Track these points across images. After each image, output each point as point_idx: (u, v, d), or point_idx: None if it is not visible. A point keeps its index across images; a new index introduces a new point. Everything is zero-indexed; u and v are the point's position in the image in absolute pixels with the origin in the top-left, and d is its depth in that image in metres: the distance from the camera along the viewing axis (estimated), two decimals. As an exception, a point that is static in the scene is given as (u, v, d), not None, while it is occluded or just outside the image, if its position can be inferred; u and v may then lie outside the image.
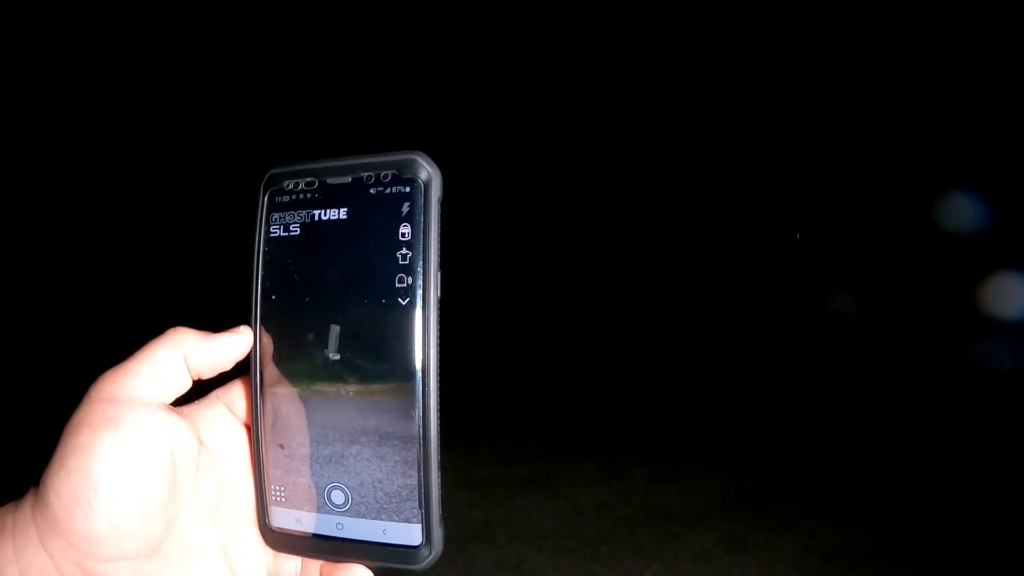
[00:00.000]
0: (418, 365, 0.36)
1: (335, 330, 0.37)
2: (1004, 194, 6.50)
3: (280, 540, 0.39)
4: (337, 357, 0.37)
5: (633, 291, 7.99)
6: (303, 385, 0.37)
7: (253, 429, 0.39)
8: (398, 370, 0.36)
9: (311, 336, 0.37)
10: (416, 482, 0.36)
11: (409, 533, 0.36)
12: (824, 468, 3.37)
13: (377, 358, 0.36)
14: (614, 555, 2.69)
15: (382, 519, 0.37)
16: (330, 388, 0.37)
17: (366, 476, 0.37)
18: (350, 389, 0.37)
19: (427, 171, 0.37)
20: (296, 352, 0.38)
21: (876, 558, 2.62)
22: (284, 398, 0.38)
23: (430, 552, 0.36)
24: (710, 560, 2.62)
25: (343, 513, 0.37)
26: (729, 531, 2.81)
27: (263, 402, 0.38)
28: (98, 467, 0.33)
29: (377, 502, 0.36)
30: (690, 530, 2.83)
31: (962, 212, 6.60)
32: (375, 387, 0.36)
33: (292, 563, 0.40)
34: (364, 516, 0.37)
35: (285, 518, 0.38)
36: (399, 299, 0.36)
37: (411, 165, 0.37)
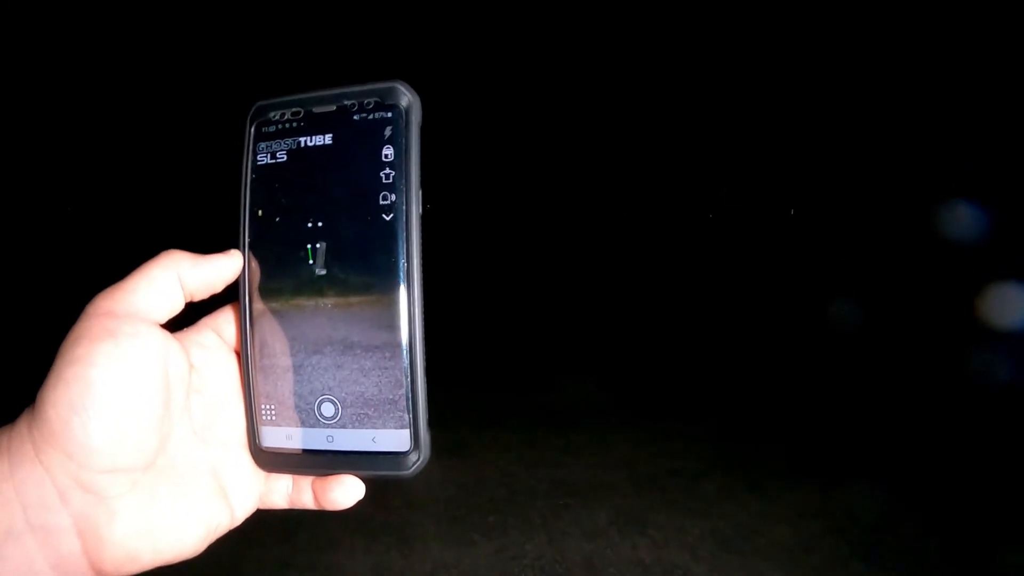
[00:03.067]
0: (403, 276, 0.37)
1: (322, 247, 0.38)
2: (1004, 202, 6.21)
3: (271, 460, 0.39)
4: (324, 272, 0.38)
5: (590, 260, 7.77)
6: (292, 303, 0.38)
7: (242, 349, 0.39)
8: (384, 281, 0.37)
9: (299, 255, 0.38)
10: (404, 389, 0.37)
11: (398, 439, 0.37)
12: (767, 454, 3.16)
13: (364, 271, 0.37)
14: (501, 525, 2.53)
15: (371, 427, 0.37)
16: (318, 303, 0.38)
17: (355, 387, 0.37)
18: (338, 303, 0.37)
19: (408, 98, 0.38)
20: (285, 271, 0.38)
21: (792, 550, 2.42)
22: (273, 317, 0.38)
23: (418, 457, 0.37)
24: (599, 537, 2.45)
25: (333, 425, 0.38)
26: (630, 509, 2.63)
27: (252, 323, 0.39)
28: (96, 376, 0.33)
29: (366, 411, 0.37)
30: (588, 505, 2.65)
31: (961, 220, 6.35)
32: (362, 299, 0.37)
33: (283, 482, 0.40)
34: (354, 426, 0.38)
35: (276, 436, 0.39)
36: (383, 215, 0.37)
37: (393, 92, 0.38)
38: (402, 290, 0.37)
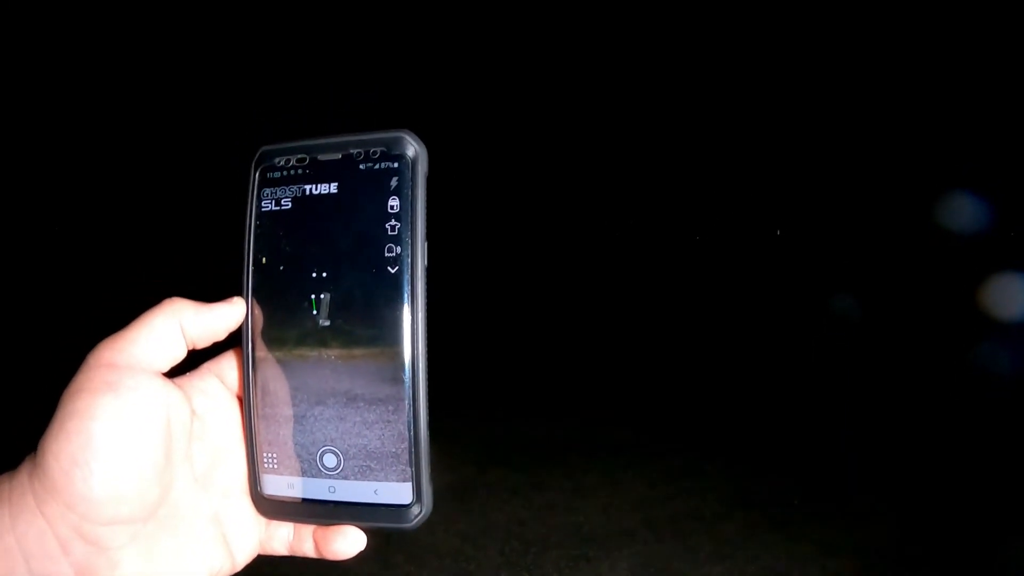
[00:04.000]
0: (407, 329, 0.36)
1: (326, 298, 0.37)
2: (1004, 195, 6.26)
3: (272, 507, 0.39)
4: (328, 324, 0.37)
5: (598, 288, 7.67)
6: (295, 353, 0.38)
7: (245, 397, 0.39)
8: (388, 334, 0.36)
9: (302, 304, 0.38)
10: (406, 442, 0.36)
11: (400, 492, 0.37)
12: (785, 488, 3.03)
13: (367, 324, 0.37)
14: (515, 582, 2.36)
15: (373, 480, 0.37)
16: (321, 354, 0.37)
17: (358, 439, 0.37)
18: (340, 355, 0.37)
19: (414, 148, 0.38)
20: (288, 321, 0.38)
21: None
22: (276, 366, 0.38)
23: (420, 510, 0.37)
24: (621, 591, 2.29)
25: (335, 476, 0.37)
26: (652, 558, 2.48)
27: (255, 370, 0.38)
28: (98, 430, 0.33)
29: (368, 463, 0.37)
30: (606, 555, 2.50)
31: (962, 213, 6.37)
32: (365, 352, 0.37)
33: (285, 530, 0.40)
34: (356, 478, 0.37)
35: (277, 485, 0.38)
36: (388, 267, 0.37)
37: (399, 142, 0.38)
38: (406, 343, 0.36)
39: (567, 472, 3.15)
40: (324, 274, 0.37)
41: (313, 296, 0.37)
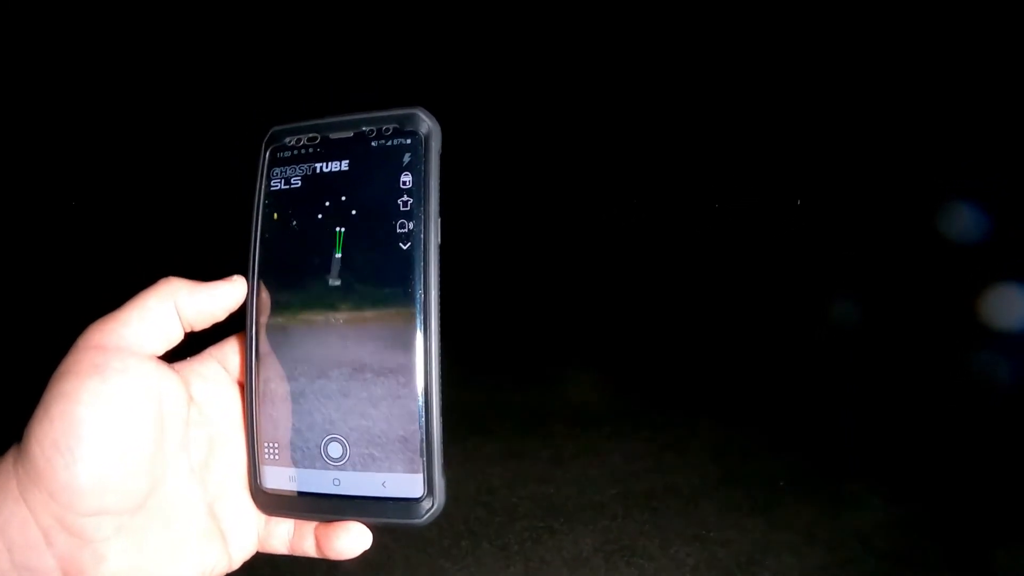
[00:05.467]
0: (419, 309, 0.35)
1: (336, 278, 0.36)
2: (1005, 203, 5.96)
3: (272, 502, 0.36)
4: (338, 304, 0.35)
5: (598, 258, 7.47)
6: (300, 336, 0.36)
7: (246, 383, 0.37)
8: (400, 316, 0.35)
9: (311, 285, 0.36)
10: (418, 430, 0.34)
11: (410, 485, 0.35)
12: (772, 469, 2.90)
13: (379, 305, 0.35)
14: (474, 551, 2.30)
15: (381, 471, 0.35)
16: (330, 340, 0.35)
17: (365, 427, 0.35)
18: (351, 341, 0.35)
19: (428, 125, 0.37)
20: (294, 301, 0.36)
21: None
22: (281, 350, 0.36)
23: (432, 504, 0.35)
24: (582, 567, 2.21)
25: (340, 467, 0.35)
26: (619, 534, 2.39)
27: (258, 354, 0.37)
28: (83, 415, 0.31)
29: (376, 453, 0.35)
30: (573, 528, 2.41)
31: (963, 220, 6.12)
32: (376, 337, 0.35)
33: (285, 527, 0.37)
34: (362, 469, 0.35)
35: (278, 477, 0.36)
36: (400, 244, 0.35)
37: (412, 119, 0.37)
38: (419, 326, 0.34)
39: (547, 441, 3.06)
40: (333, 252, 0.36)
41: (322, 278, 0.36)
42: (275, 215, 0.37)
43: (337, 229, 0.36)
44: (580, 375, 3.94)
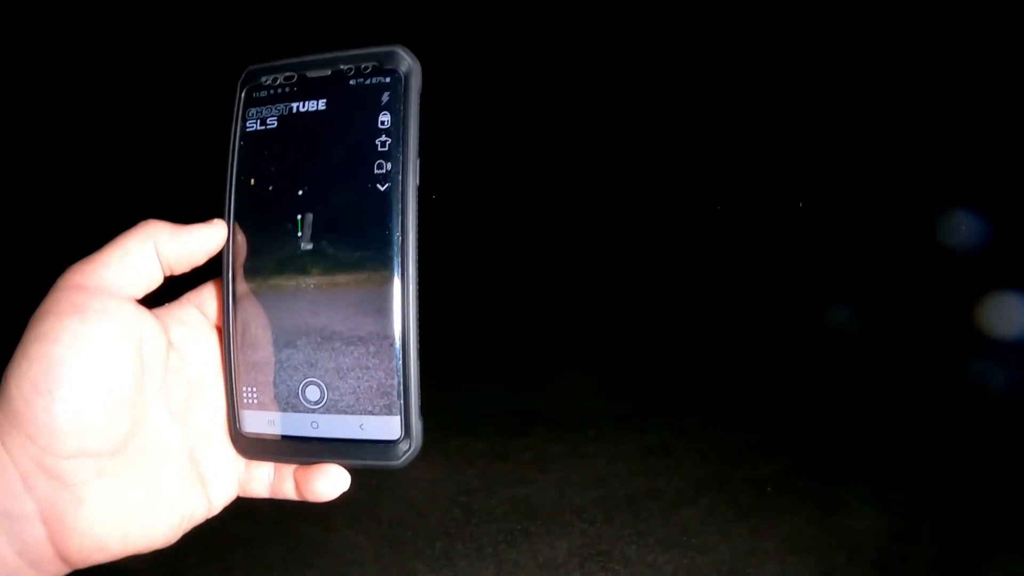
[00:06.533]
0: (398, 250, 0.34)
1: (311, 219, 0.35)
2: (1003, 211, 5.89)
3: (252, 446, 0.36)
4: (313, 246, 0.35)
5: (589, 256, 7.39)
6: (278, 279, 0.35)
7: (224, 327, 0.36)
8: (378, 256, 0.34)
9: (287, 226, 0.35)
10: (395, 372, 0.34)
11: (388, 426, 0.35)
12: (760, 474, 2.82)
13: (356, 245, 0.34)
14: (447, 553, 2.25)
15: (359, 413, 0.35)
16: (306, 281, 0.35)
17: (344, 369, 0.34)
18: (327, 280, 0.35)
19: (408, 63, 0.36)
20: (271, 244, 0.36)
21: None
22: (258, 294, 0.36)
23: (409, 446, 0.35)
24: (555, 571, 2.15)
25: (318, 410, 0.35)
26: (596, 538, 2.32)
27: (235, 299, 0.36)
28: (62, 355, 0.31)
29: (354, 396, 0.35)
30: (549, 532, 2.35)
31: (961, 228, 6.06)
32: (354, 276, 0.34)
33: (265, 470, 0.37)
34: (340, 412, 0.35)
35: (257, 421, 0.36)
36: (378, 184, 0.34)
37: (392, 57, 0.36)
38: (396, 266, 0.34)
39: (530, 443, 3.01)
40: (311, 193, 0.35)
41: (298, 217, 0.35)
42: (251, 157, 0.36)
43: (314, 170, 0.35)
44: (567, 376, 3.88)
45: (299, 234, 0.35)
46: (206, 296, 0.38)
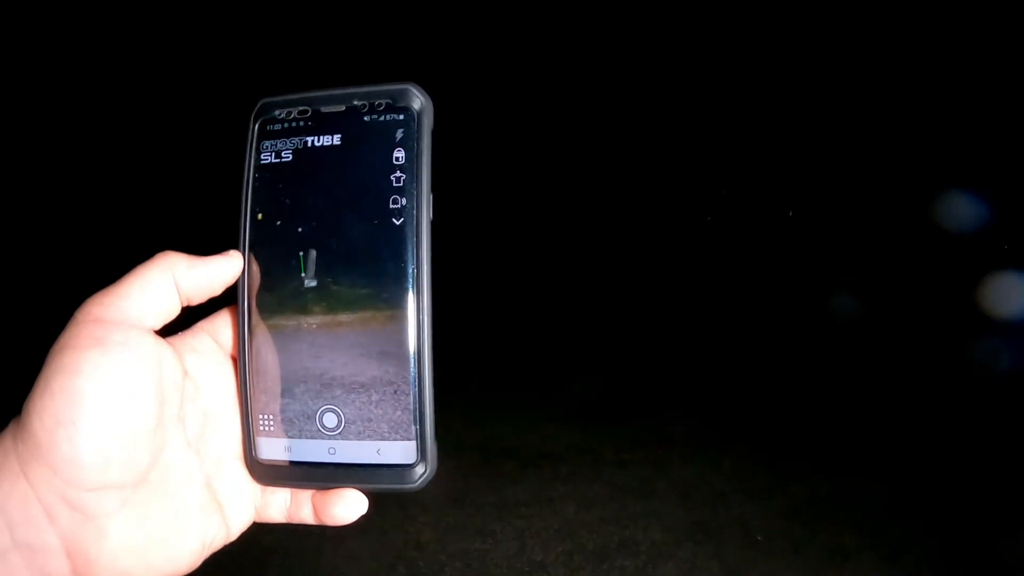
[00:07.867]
0: (412, 282, 0.35)
1: (327, 253, 0.36)
2: (1005, 193, 5.77)
3: (268, 473, 0.37)
4: (328, 278, 0.36)
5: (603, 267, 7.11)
6: (292, 309, 0.36)
7: (239, 356, 0.37)
8: (392, 288, 0.35)
9: (301, 259, 0.36)
10: (411, 398, 0.35)
11: (404, 451, 0.35)
12: (748, 518, 2.52)
13: (371, 277, 0.36)
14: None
15: (375, 439, 0.36)
16: (321, 311, 0.36)
17: (361, 396, 0.36)
18: (342, 310, 0.36)
19: (420, 100, 0.37)
20: (285, 275, 0.36)
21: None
22: (274, 323, 0.37)
23: (425, 469, 0.36)
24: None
25: (335, 436, 0.36)
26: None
27: (251, 328, 0.37)
28: (84, 388, 0.31)
29: (370, 422, 0.36)
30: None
31: (962, 209, 5.93)
32: (369, 306, 0.35)
33: (281, 496, 0.38)
34: (357, 437, 0.36)
35: (273, 448, 0.37)
36: (393, 219, 0.36)
37: (405, 95, 0.37)
38: (410, 297, 0.35)
39: (492, 484, 2.69)
40: (326, 225, 0.36)
41: (313, 250, 0.36)
42: (266, 189, 0.37)
43: (329, 203, 0.36)
44: (539, 407, 3.54)
45: (316, 268, 0.36)
46: (219, 324, 0.38)
